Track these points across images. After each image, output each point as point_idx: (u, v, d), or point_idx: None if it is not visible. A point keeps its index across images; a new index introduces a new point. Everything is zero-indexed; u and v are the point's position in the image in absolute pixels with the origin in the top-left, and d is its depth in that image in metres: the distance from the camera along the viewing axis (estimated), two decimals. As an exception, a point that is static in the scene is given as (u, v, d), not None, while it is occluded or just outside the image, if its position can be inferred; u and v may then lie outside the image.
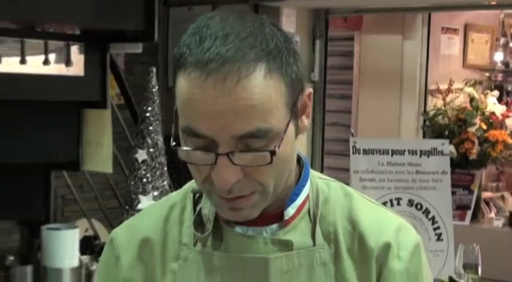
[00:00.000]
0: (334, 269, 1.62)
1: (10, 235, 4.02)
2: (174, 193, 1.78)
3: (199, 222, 1.64)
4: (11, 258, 3.63)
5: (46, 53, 3.43)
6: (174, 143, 1.49)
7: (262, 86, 1.40)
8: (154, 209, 1.80)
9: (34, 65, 3.40)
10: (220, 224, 1.62)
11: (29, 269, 3.57)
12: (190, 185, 1.71)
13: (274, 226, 1.61)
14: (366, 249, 1.62)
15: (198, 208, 1.66)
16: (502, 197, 6.30)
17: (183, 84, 1.42)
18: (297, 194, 1.63)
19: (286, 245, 1.58)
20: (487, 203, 6.19)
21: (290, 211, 1.61)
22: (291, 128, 1.47)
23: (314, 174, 1.70)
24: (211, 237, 1.63)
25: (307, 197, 1.65)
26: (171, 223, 1.69)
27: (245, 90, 1.38)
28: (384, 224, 1.65)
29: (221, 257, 1.61)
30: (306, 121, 1.54)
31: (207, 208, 1.64)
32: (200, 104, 1.41)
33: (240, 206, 1.50)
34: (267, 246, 1.59)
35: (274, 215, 1.61)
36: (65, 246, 3.53)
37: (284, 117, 1.45)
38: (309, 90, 1.53)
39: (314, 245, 1.61)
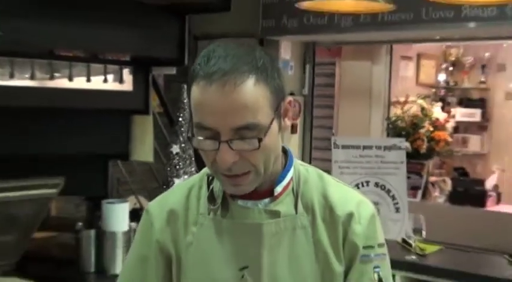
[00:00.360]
0: (311, 231, 1.62)
1: (78, 207, 4.03)
2: (193, 177, 1.79)
3: (211, 198, 1.66)
4: (80, 224, 3.63)
5: (105, 74, 3.48)
6: (190, 135, 1.55)
7: (252, 92, 1.46)
8: (178, 189, 1.81)
9: (97, 82, 3.43)
10: (226, 198, 1.64)
11: (92, 232, 3.55)
12: (205, 170, 1.71)
13: (267, 200, 1.63)
14: (335, 217, 1.62)
15: (210, 187, 1.68)
16: (444, 181, 6.29)
17: (195, 91, 1.48)
18: (284, 176, 1.64)
19: (275, 214, 1.60)
20: (433, 185, 6.17)
21: (278, 189, 1.63)
22: (275, 124, 1.51)
23: (296, 162, 1.71)
24: (220, 208, 1.64)
25: (291, 178, 1.66)
26: (191, 198, 1.70)
27: (239, 94, 1.44)
28: (348, 198, 1.66)
29: (228, 222, 1.63)
30: (288, 122, 1.58)
31: (217, 187, 1.66)
32: (207, 104, 1.46)
33: (239, 183, 1.54)
34: (261, 215, 1.61)
35: (266, 192, 1.62)
36: (118, 215, 3.53)
37: (269, 115, 1.49)
38: (289, 98, 1.57)
39: (296, 213, 1.62)
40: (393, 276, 3.09)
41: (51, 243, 3.91)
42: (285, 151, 1.69)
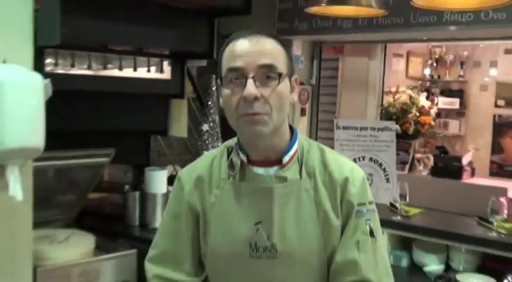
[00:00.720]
0: (313, 193, 1.63)
1: (126, 173, 4.05)
2: (215, 149, 1.82)
3: (231, 165, 1.67)
4: (127, 187, 3.66)
5: (149, 65, 3.50)
6: (220, 83, 1.60)
7: (274, 45, 1.55)
8: (203, 159, 1.81)
9: (141, 72, 3.45)
10: (243, 166, 1.66)
11: (137, 193, 3.56)
12: (225, 144, 1.74)
13: (276, 168, 1.64)
14: (333, 181, 1.64)
15: (230, 157, 1.68)
16: (427, 157, 6.26)
17: (226, 51, 1.58)
18: (290, 148, 1.66)
19: (284, 179, 1.62)
20: (418, 161, 6.14)
21: (286, 158, 1.64)
22: (287, 81, 1.58)
23: (300, 136, 1.71)
24: (239, 174, 1.65)
25: (296, 150, 1.67)
26: (214, 166, 1.71)
27: (264, 43, 1.54)
28: (343, 165, 1.68)
29: (244, 186, 1.64)
30: (295, 96, 1.64)
31: (235, 157, 1.66)
32: (238, 50, 1.53)
33: (257, 121, 1.53)
34: (271, 180, 1.63)
35: (276, 161, 1.64)
36: (158, 180, 3.54)
37: (284, 69, 1.56)
38: (296, 76, 1.63)
39: (301, 178, 1.64)
40: (382, 232, 3.14)
41: (103, 202, 3.95)
42: (291, 129, 1.69)
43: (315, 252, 1.61)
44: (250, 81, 1.49)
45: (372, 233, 1.62)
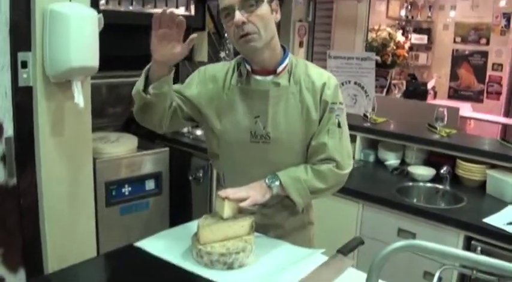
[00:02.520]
0: (298, 96, 1.71)
1: None
2: (229, 62, 1.83)
3: (239, 74, 1.75)
4: None
5: (177, 3, 3.46)
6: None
7: None
8: (222, 64, 1.85)
9: (170, 8, 3.40)
10: (248, 75, 1.74)
11: None
12: (236, 59, 1.79)
13: (272, 76, 1.72)
14: (314, 86, 1.71)
15: (239, 68, 1.75)
16: (401, 83, 6.34)
17: None
18: (282, 61, 1.72)
19: (277, 84, 1.70)
20: (394, 86, 6.21)
21: (279, 69, 1.72)
22: (267, 6, 1.62)
23: (291, 54, 1.77)
24: (245, 81, 1.73)
25: (287, 63, 1.74)
26: (228, 73, 1.77)
27: None
28: (322, 75, 1.74)
29: (248, 88, 1.72)
30: (278, 16, 1.68)
31: (243, 68, 1.74)
32: None
33: (250, 40, 1.61)
34: (268, 84, 1.71)
35: (272, 71, 1.72)
36: None
37: None
38: (276, 0, 1.67)
39: (289, 85, 1.72)
40: (355, 136, 3.26)
41: None
42: (284, 49, 1.75)
43: (298, 138, 1.71)
44: (237, 12, 1.56)
45: (339, 125, 1.71)
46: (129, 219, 3.09)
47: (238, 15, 1.57)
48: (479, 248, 2.30)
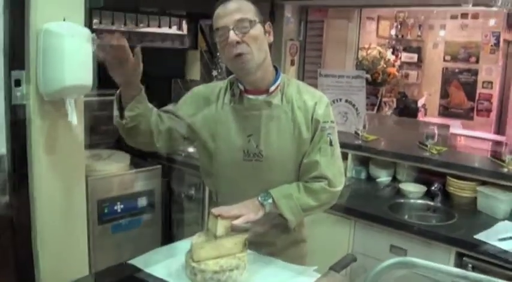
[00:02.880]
0: (291, 115, 1.74)
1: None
2: (221, 81, 1.89)
3: (232, 93, 1.78)
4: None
5: (170, 23, 3.50)
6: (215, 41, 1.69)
7: (245, 4, 1.64)
8: (213, 85, 1.89)
9: (163, 28, 3.47)
10: (241, 94, 1.76)
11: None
12: (229, 78, 1.82)
13: (264, 95, 1.75)
14: (306, 106, 1.75)
15: (232, 88, 1.79)
16: (392, 101, 6.36)
17: (215, 15, 1.65)
18: (275, 81, 1.76)
19: (270, 103, 1.74)
20: (385, 103, 6.22)
21: (272, 88, 1.75)
22: (260, 27, 1.66)
23: (283, 74, 1.80)
24: (238, 100, 1.76)
25: (279, 83, 1.77)
26: (221, 93, 1.80)
27: (238, 4, 1.62)
28: (314, 94, 1.79)
29: (241, 108, 1.75)
30: (270, 38, 1.73)
31: (235, 88, 1.77)
32: (220, 13, 1.63)
33: (243, 61, 1.64)
34: (261, 104, 1.74)
35: (265, 91, 1.75)
36: None
37: (255, 18, 1.65)
38: (268, 23, 1.72)
39: (282, 104, 1.75)
40: (347, 153, 3.28)
41: None
42: (276, 69, 1.78)
43: (290, 156, 1.74)
44: (231, 32, 1.60)
45: (331, 143, 1.74)
46: (122, 236, 3.08)
47: (233, 35, 1.60)
48: (470, 266, 2.31)
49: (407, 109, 6.14)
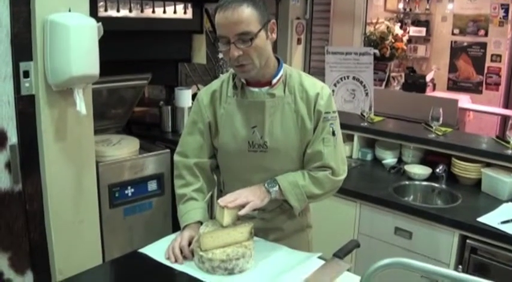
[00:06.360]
0: (293, 106, 1.76)
1: (161, 92, 4.12)
2: (224, 74, 1.89)
3: (234, 86, 1.80)
4: (162, 102, 3.76)
5: (175, 7, 3.43)
6: (217, 44, 1.68)
7: (247, 12, 1.58)
8: (217, 80, 1.89)
9: (169, 13, 3.41)
10: (244, 87, 1.79)
11: (169, 107, 3.67)
12: (231, 70, 1.83)
13: (267, 87, 1.77)
14: (308, 96, 1.77)
15: (234, 80, 1.80)
16: (400, 76, 6.31)
17: (216, 17, 1.63)
18: (277, 73, 1.77)
19: (272, 95, 1.76)
20: (393, 78, 6.19)
21: (274, 80, 1.77)
22: (262, 33, 1.64)
23: (285, 65, 1.82)
24: (240, 93, 1.79)
25: (282, 74, 1.78)
26: (223, 86, 1.83)
27: (238, 14, 1.57)
28: (315, 85, 1.79)
29: (244, 100, 1.78)
30: (274, 35, 1.71)
31: (238, 80, 1.79)
32: (221, 22, 1.61)
33: (244, 70, 1.67)
34: (264, 96, 1.76)
35: (267, 83, 1.77)
36: (185, 97, 3.62)
37: (257, 27, 1.61)
38: (273, 20, 1.69)
39: (284, 95, 1.76)
40: (353, 135, 3.30)
41: (144, 114, 4.06)
42: (278, 59, 1.79)
43: (294, 146, 1.77)
44: (232, 46, 1.60)
45: (333, 133, 1.77)
46: (133, 219, 3.14)
47: (233, 50, 1.61)
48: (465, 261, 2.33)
49: (415, 84, 6.09)
